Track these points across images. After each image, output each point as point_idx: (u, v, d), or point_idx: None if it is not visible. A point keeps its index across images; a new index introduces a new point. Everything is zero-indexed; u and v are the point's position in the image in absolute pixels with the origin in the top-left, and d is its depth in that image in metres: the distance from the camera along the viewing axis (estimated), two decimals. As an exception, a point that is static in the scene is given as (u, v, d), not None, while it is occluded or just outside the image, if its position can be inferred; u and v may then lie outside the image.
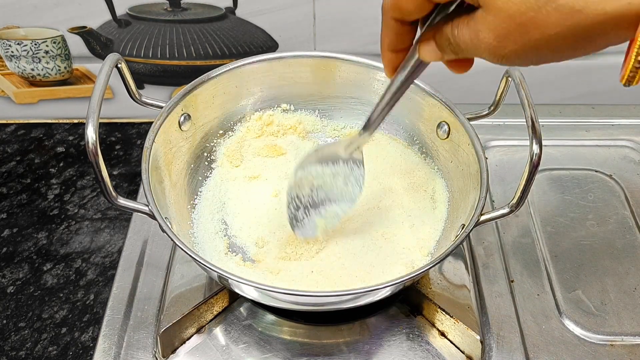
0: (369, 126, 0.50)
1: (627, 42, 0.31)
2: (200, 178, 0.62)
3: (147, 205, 0.49)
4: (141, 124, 0.82)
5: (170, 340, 0.54)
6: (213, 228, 0.59)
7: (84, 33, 0.74)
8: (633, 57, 0.30)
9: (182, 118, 0.59)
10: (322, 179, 0.54)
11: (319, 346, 0.55)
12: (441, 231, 0.58)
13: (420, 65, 0.41)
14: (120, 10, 0.72)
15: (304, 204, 0.55)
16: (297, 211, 0.55)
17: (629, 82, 0.32)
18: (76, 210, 0.70)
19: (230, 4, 0.72)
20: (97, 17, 0.73)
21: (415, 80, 0.48)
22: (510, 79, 0.53)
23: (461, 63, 0.40)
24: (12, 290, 0.62)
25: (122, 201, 0.48)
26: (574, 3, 0.30)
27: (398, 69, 0.42)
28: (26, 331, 0.59)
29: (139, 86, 0.78)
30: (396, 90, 0.44)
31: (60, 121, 0.82)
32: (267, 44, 0.76)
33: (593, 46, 0.32)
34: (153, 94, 0.72)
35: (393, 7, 0.37)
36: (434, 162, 0.63)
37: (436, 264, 0.48)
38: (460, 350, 0.55)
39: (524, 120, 0.48)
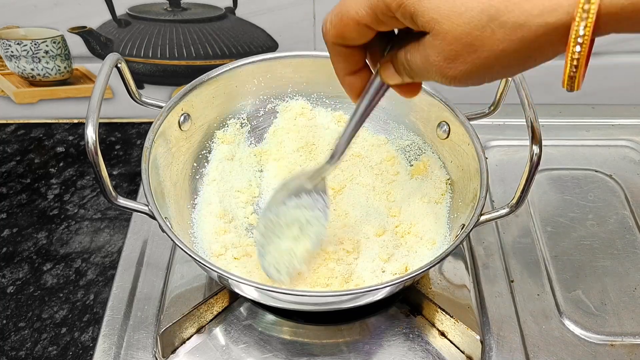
0: (335, 156, 0.49)
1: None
2: (200, 178, 0.62)
3: (147, 205, 0.49)
4: (141, 124, 0.82)
5: (170, 340, 0.54)
6: (213, 228, 0.59)
7: (84, 33, 0.74)
8: (568, 62, 0.32)
9: (182, 118, 0.59)
10: (288, 216, 0.52)
11: (319, 346, 0.55)
12: (441, 231, 0.58)
13: (383, 88, 0.42)
14: (120, 10, 0.72)
15: (273, 243, 0.53)
16: (266, 249, 0.53)
17: (570, 87, 0.33)
18: (76, 210, 0.70)
19: (230, 4, 0.72)
20: (97, 17, 0.73)
21: None
22: (510, 79, 0.53)
23: (410, 88, 0.41)
24: (12, 290, 0.62)
25: (122, 201, 0.48)
26: (517, 18, 0.31)
27: (362, 93, 0.43)
28: (26, 331, 0.59)
29: (139, 86, 0.78)
30: (361, 115, 0.45)
31: (60, 121, 0.82)
32: (267, 44, 0.76)
33: (542, 57, 0.33)
34: (153, 94, 0.72)
35: (337, 36, 0.39)
36: (434, 162, 0.63)
37: (436, 264, 0.48)
38: (460, 350, 0.55)
39: (524, 120, 0.48)
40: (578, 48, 0.31)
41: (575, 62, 0.32)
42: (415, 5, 0.33)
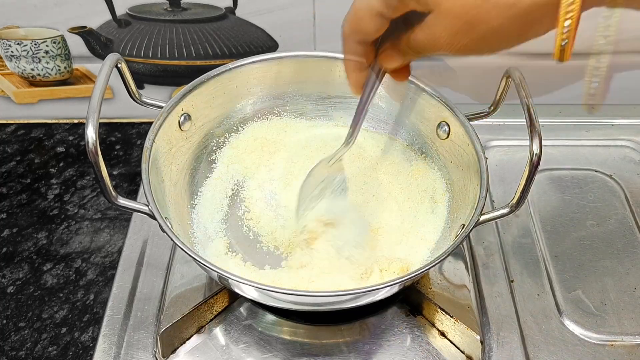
0: (349, 139, 0.55)
1: None
2: (200, 178, 0.62)
3: (147, 205, 0.49)
4: (141, 124, 0.82)
5: (170, 340, 0.54)
6: (213, 228, 0.59)
7: (84, 33, 0.74)
8: (559, 35, 0.36)
9: (182, 118, 0.59)
10: (317, 190, 0.59)
11: (319, 346, 0.55)
12: (441, 231, 0.58)
13: (381, 76, 0.48)
14: (120, 10, 0.72)
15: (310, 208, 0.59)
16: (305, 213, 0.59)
17: (560, 58, 0.37)
18: (76, 210, 0.70)
19: (230, 4, 0.72)
20: (97, 17, 0.73)
21: (415, 81, 0.58)
22: (510, 79, 0.53)
23: (402, 72, 0.47)
24: (12, 290, 0.62)
25: (122, 201, 0.48)
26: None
27: (364, 86, 0.49)
28: (26, 331, 0.59)
29: (139, 86, 0.78)
30: (365, 103, 0.51)
31: (60, 121, 0.82)
32: (267, 44, 0.76)
33: (534, 31, 0.37)
34: (153, 94, 0.72)
35: (355, 31, 0.44)
36: (434, 162, 0.63)
37: (436, 264, 0.48)
38: (460, 350, 0.55)
39: (524, 120, 0.48)
40: (567, 22, 0.34)
41: (564, 36, 0.35)
42: None
